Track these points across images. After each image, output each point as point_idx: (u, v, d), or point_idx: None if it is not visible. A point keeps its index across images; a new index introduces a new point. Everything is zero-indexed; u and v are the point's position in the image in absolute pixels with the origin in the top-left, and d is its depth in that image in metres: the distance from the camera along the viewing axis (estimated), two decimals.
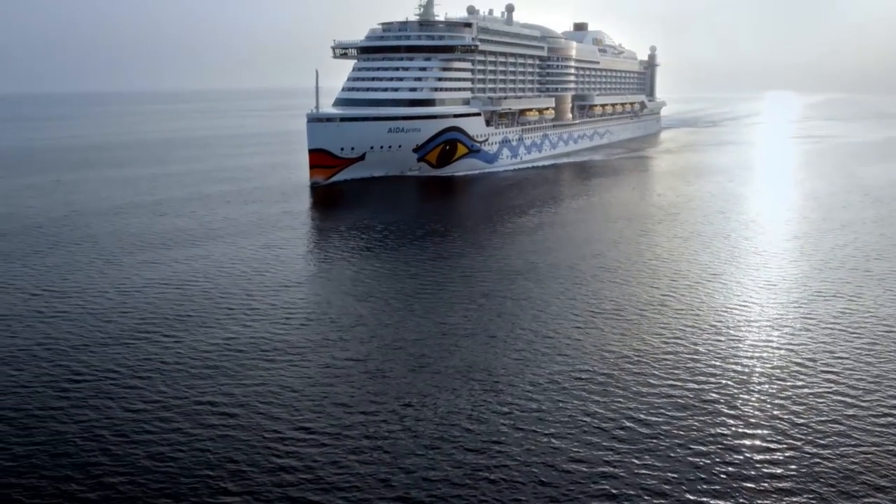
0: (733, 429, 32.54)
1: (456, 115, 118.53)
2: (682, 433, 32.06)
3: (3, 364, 39.66)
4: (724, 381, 37.47)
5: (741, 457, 30.10)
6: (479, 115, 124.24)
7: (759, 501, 27.15)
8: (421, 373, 38.62)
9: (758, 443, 31.33)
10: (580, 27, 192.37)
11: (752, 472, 28.94)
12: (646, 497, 27.27)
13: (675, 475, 28.68)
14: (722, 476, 28.69)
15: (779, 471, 29.05)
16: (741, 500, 27.17)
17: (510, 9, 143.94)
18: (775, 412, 34.05)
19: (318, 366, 39.62)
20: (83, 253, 64.95)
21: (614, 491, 27.66)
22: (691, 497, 27.32)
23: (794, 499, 27.32)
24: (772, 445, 31.05)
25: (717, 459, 29.86)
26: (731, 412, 34.09)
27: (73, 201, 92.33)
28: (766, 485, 28.15)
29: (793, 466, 29.39)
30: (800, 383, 37.35)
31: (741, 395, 35.84)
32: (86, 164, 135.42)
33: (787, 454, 30.30)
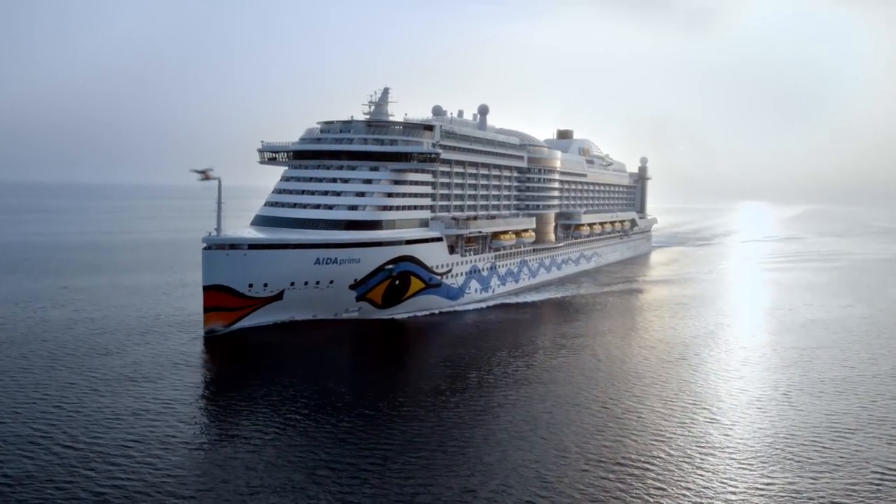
0: None
1: (409, 241, 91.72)
2: None
3: None
4: None
5: None
6: (440, 239, 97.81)
7: None
8: None
9: None
10: (565, 135, 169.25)
11: None
12: None
13: None
14: None
15: None
16: None
17: (483, 111, 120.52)
18: None
19: None
20: None
21: None
22: None
23: None
24: None
25: None
26: None
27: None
28: None
29: None
30: None
31: None
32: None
33: None
